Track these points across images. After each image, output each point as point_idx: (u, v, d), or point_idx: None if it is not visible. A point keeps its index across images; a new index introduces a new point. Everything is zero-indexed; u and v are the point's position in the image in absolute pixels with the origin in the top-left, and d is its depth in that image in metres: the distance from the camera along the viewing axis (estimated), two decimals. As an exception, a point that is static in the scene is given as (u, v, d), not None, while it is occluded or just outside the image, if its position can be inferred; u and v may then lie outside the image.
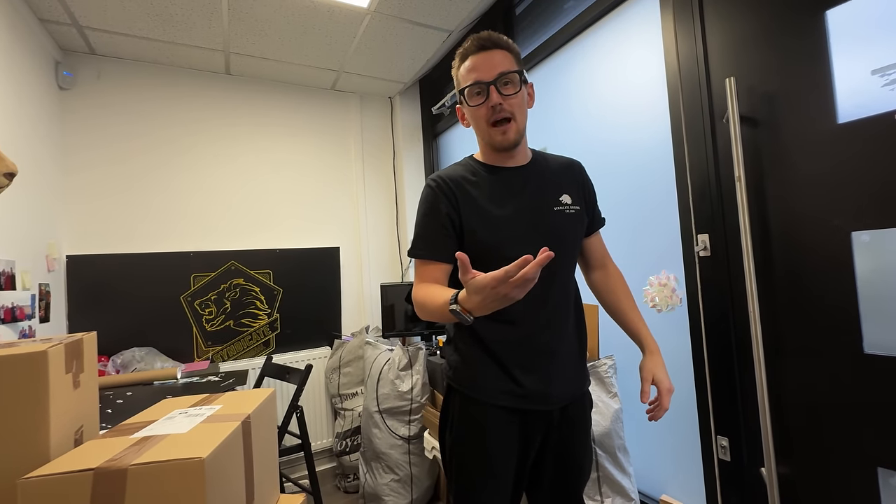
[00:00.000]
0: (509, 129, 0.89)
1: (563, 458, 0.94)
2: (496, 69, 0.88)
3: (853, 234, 0.94)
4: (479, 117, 0.91)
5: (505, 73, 0.88)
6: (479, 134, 0.95)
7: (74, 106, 2.14)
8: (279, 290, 2.55)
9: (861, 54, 0.93)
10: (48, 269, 1.88)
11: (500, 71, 0.88)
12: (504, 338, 0.90)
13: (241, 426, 0.69)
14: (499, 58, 0.89)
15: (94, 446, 0.63)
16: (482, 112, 0.90)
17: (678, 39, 1.28)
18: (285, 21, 1.99)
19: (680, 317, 1.32)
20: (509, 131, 0.90)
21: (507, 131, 0.89)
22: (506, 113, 0.89)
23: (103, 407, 1.45)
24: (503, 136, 0.90)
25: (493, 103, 0.88)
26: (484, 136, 0.93)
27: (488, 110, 0.89)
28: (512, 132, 0.90)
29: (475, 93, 0.90)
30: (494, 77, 0.87)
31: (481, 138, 0.95)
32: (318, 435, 2.51)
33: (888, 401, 0.90)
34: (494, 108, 0.88)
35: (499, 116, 0.89)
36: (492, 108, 0.88)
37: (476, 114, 0.91)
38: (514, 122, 0.90)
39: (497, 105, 0.88)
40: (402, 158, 2.87)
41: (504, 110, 0.88)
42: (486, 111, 0.89)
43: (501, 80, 0.88)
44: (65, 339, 0.72)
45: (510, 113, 0.89)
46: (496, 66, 0.88)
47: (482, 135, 0.94)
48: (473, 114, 0.92)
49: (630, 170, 1.49)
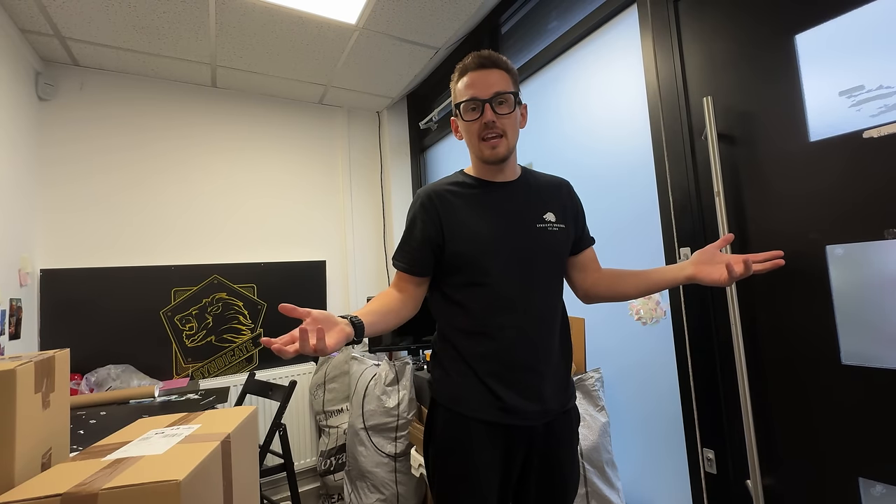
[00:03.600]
0: (499, 144, 0.92)
1: (548, 475, 0.93)
2: (492, 88, 0.91)
3: (827, 247, 0.97)
4: (471, 132, 0.94)
5: (501, 92, 0.91)
6: (470, 147, 0.98)
7: (54, 117, 2.10)
8: (263, 304, 2.50)
9: (829, 77, 0.97)
10: (20, 283, 1.81)
11: (496, 90, 0.91)
12: (484, 352, 0.90)
13: (221, 446, 0.67)
14: (496, 77, 0.92)
15: (63, 470, 0.60)
16: (475, 127, 0.93)
17: (657, 59, 1.32)
18: (273, 35, 2.00)
19: (664, 330, 1.33)
20: (499, 146, 0.92)
21: (497, 146, 0.92)
22: (498, 130, 0.92)
23: (75, 428, 1.39)
24: (492, 150, 0.93)
25: (486, 120, 0.91)
26: (475, 149, 0.96)
27: (481, 126, 0.92)
28: (502, 147, 0.93)
29: (470, 108, 0.93)
30: (490, 96, 0.91)
31: (472, 152, 0.98)
32: (301, 454, 2.44)
33: (865, 411, 0.92)
34: (487, 125, 0.91)
35: (490, 133, 0.92)
36: (484, 125, 0.91)
37: (469, 128, 0.94)
38: (505, 138, 0.93)
39: (490, 122, 0.91)
40: (389, 173, 2.88)
41: (496, 128, 0.92)
42: (479, 127, 0.92)
43: (497, 100, 0.91)
44: (35, 356, 0.70)
45: (502, 130, 0.92)
46: (493, 85, 0.91)
47: (473, 148, 0.97)
48: (467, 128, 0.95)
49: (613, 185, 1.52)
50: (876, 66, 0.90)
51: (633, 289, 1.00)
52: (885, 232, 0.89)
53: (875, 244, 0.90)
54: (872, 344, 0.91)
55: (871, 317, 0.91)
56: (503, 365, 0.89)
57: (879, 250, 0.90)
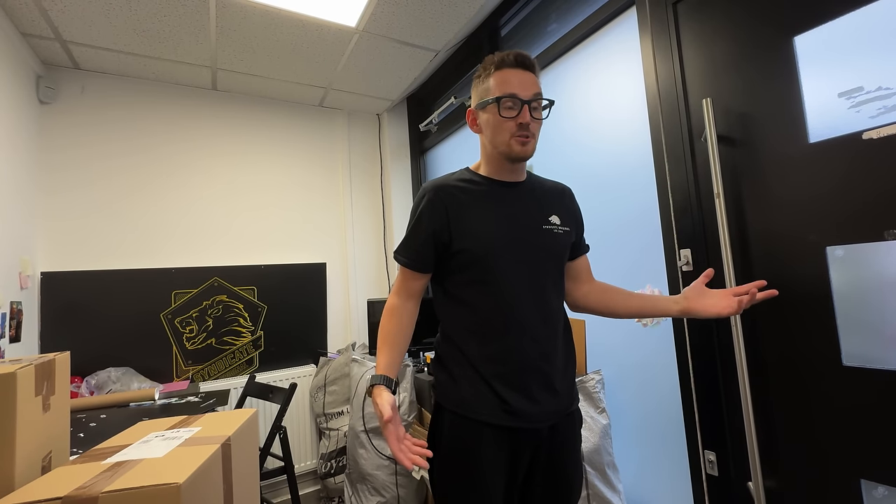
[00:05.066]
0: (529, 142, 0.93)
1: (553, 478, 0.93)
2: (532, 89, 0.92)
3: (828, 248, 0.97)
4: (504, 129, 0.92)
5: (540, 94, 0.93)
6: (493, 142, 0.95)
7: (55, 120, 2.10)
8: (263, 306, 2.50)
9: (828, 78, 0.97)
10: (21, 286, 1.81)
11: (536, 91, 0.92)
12: (489, 353, 0.90)
13: (221, 449, 0.66)
14: (533, 80, 0.93)
15: (63, 473, 0.59)
16: (510, 125, 0.91)
17: (657, 61, 1.33)
18: (274, 38, 2.01)
19: (665, 332, 1.33)
20: (529, 144, 0.93)
21: (527, 143, 0.92)
22: (530, 132, 0.92)
23: (75, 431, 1.39)
24: (523, 147, 0.92)
25: (523, 121, 0.91)
26: (501, 143, 0.93)
27: (517, 126, 0.91)
28: (531, 147, 0.93)
29: (508, 106, 0.91)
30: (531, 97, 0.91)
31: (495, 147, 0.95)
32: (301, 456, 2.43)
33: (866, 413, 0.92)
34: (522, 126, 0.91)
35: (525, 133, 0.92)
36: (520, 125, 0.91)
37: (503, 125, 0.92)
38: (534, 139, 0.94)
39: (526, 123, 0.91)
40: (389, 175, 2.88)
41: (529, 129, 0.92)
42: (515, 126, 0.91)
43: (534, 103, 0.92)
44: (36, 359, 0.70)
45: (532, 133, 0.93)
46: (533, 86, 0.92)
47: (499, 143, 0.94)
48: (500, 124, 0.92)
49: (613, 187, 1.52)
50: (875, 68, 0.91)
51: (622, 308, 1.02)
52: (886, 233, 0.89)
53: (875, 245, 0.90)
54: (873, 345, 0.91)
55: (871, 318, 0.91)
56: (508, 366, 0.89)
57: (880, 251, 0.90)
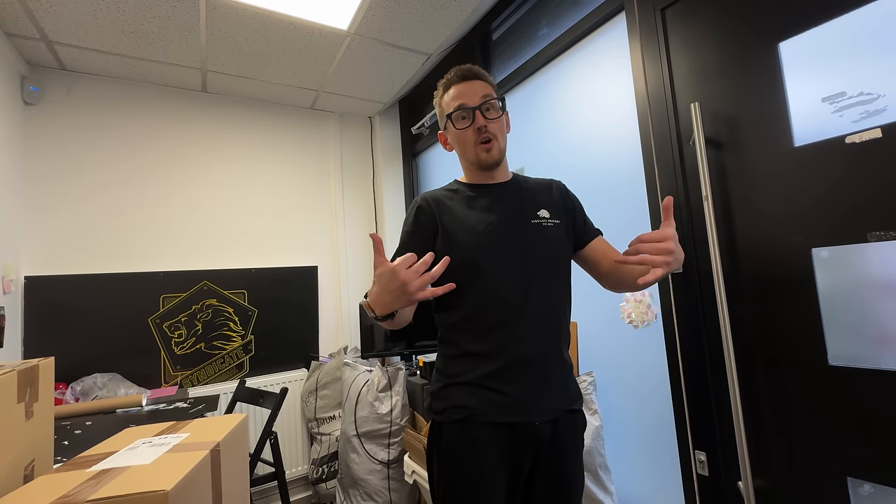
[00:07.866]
0: (493, 147, 0.97)
1: (554, 481, 0.92)
2: (480, 93, 0.96)
3: (813, 250, 0.99)
4: (464, 140, 0.98)
5: (489, 98, 0.96)
6: (463, 155, 1.02)
7: (40, 122, 2.07)
8: (254, 310, 2.48)
9: (812, 83, 1.00)
10: (4, 291, 1.77)
11: (484, 94, 0.96)
12: (485, 349, 0.90)
13: (210, 455, 0.65)
14: (480, 86, 0.98)
15: (46, 482, 0.58)
16: (468, 135, 0.97)
17: (646, 66, 1.35)
18: (265, 41, 2.00)
19: (655, 332, 1.34)
20: (493, 149, 0.97)
21: (490, 149, 0.97)
22: (489, 134, 0.96)
23: (59, 438, 1.36)
24: (487, 153, 0.97)
25: (478, 125, 0.95)
26: (469, 155, 0.99)
27: (474, 132, 0.96)
28: (495, 150, 0.97)
29: (461, 117, 0.97)
30: (479, 102, 0.96)
31: (465, 158, 1.02)
32: (292, 462, 2.40)
33: (852, 412, 0.94)
34: (479, 130, 0.96)
35: (484, 137, 0.96)
36: (477, 130, 0.96)
37: (462, 136, 0.98)
38: (496, 142, 0.97)
39: (482, 127, 0.95)
40: (381, 178, 2.88)
41: (488, 132, 0.96)
42: (472, 133, 0.96)
43: (485, 105, 0.96)
44: (18, 365, 0.68)
45: (493, 135, 0.96)
46: (480, 91, 0.97)
47: (467, 155, 1.00)
48: (460, 136, 0.98)
49: (603, 189, 1.53)
50: (857, 73, 0.93)
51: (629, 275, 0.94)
52: (869, 235, 0.91)
53: (859, 247, 0.92)
54: (858, 345, 0.92)
55: (856, 318, 0.93)
56: (505, 361, 0.89)
57: (863, 253, 0.92)
